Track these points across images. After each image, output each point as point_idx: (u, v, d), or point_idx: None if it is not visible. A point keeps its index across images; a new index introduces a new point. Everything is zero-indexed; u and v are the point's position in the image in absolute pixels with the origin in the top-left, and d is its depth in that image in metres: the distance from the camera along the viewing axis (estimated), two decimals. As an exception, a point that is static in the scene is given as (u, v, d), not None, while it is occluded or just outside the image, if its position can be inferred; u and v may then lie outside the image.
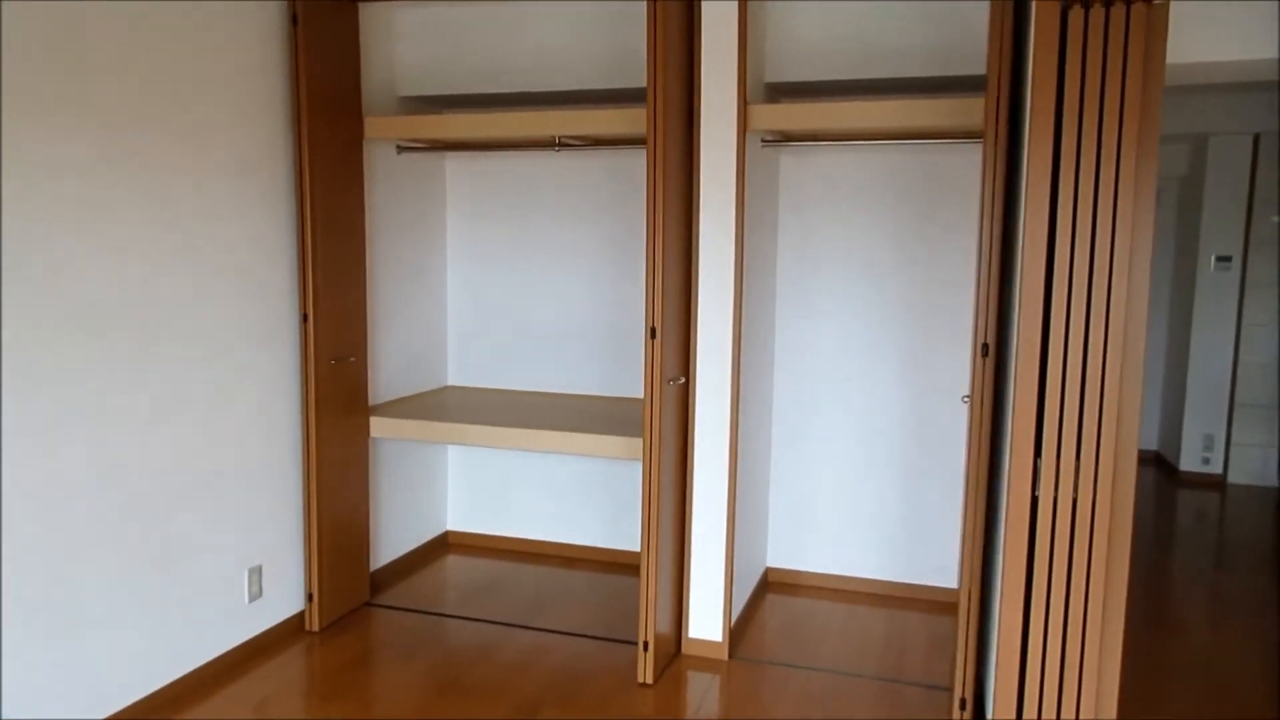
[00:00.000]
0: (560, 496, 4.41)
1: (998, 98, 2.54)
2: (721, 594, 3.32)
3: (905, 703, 3.03)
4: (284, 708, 2.92)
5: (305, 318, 3.37)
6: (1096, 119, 2.16)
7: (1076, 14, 2.15)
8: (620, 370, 4.22)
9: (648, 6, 2.88)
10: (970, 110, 2.99)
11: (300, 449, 3.46)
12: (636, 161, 4.08)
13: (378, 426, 3.71)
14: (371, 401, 3.83)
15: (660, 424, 3.04)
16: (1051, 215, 2.24)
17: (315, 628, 3.50)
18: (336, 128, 3.44)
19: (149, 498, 2.83)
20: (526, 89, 3.80)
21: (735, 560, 3.36)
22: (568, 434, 3.41)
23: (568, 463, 4.36)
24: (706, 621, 3.35)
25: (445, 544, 4.55)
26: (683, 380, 3.23)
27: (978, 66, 3.25)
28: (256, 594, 3.30)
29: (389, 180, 3.93)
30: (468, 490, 4.56)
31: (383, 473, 3.98)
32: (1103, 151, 2.17)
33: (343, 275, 3.52)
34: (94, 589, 2.66)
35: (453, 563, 4.30)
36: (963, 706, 2.74)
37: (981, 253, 2.61)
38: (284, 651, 3.32)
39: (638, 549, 4.31)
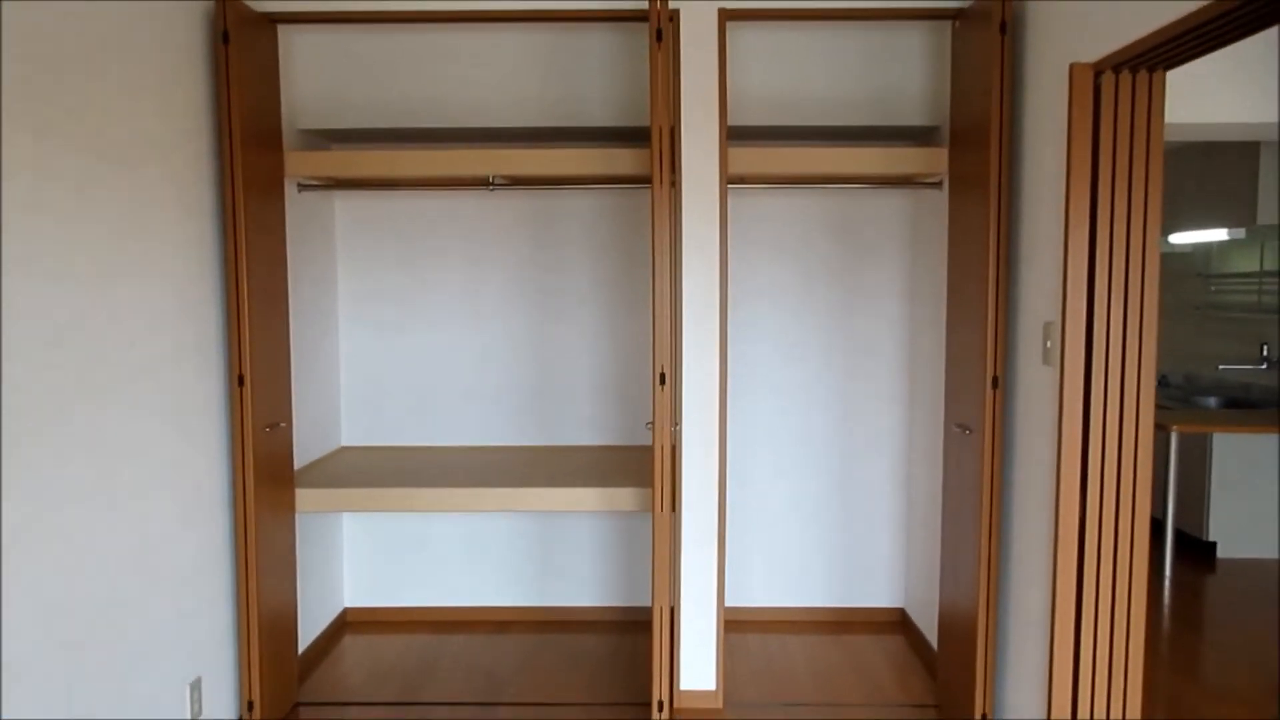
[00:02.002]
0: (474, 559, 4.11)
1: (1001, 151, 2.75)
2: (714, 642, 3.26)
3: (907, 726, 3.13)
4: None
5: (241, 381, 2.91)
6: (1127, 172, 2.41)
7: (1109, 79, 2.39)
8: (536, 419, 4.04)
9: (650, 52, 2.83)
10: (906, 159, 3.28)
11: (230, 533, 2.97)
12: (557, 203, 3.95)
13: (310, 500, 3.27)
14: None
15: (672, 472, 2.95)
16: (1091, 254, 2.45)
17: (257, 740, 3.00)
18: (262, 163, 3.03)
19: (79, 625, 2.30)
20: (440, 124, 3.54)
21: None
22: (559, 490, 3.20)
23: (477, 522, 4.09)
24: (699, 672, 3.27)
25: (345, 623, 4.08)
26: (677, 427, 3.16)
27: (904, 118, 3.50)
28: (197, 713, 2.77)
29: (290, 222, 3.50)
30: (367, 563, 4.13)
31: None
32: (1132, 200, 2.42)
33: (272, 331, 3.08)
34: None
35: (364, 643, 3.86)
36: (984, 722, 2.88)
37: (989, 291, 2.79)
38: (232, 774, 2.82)
39: (571, 604, 4.11)
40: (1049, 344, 2.59)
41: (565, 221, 3.96)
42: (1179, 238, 5.59)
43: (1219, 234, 5.26)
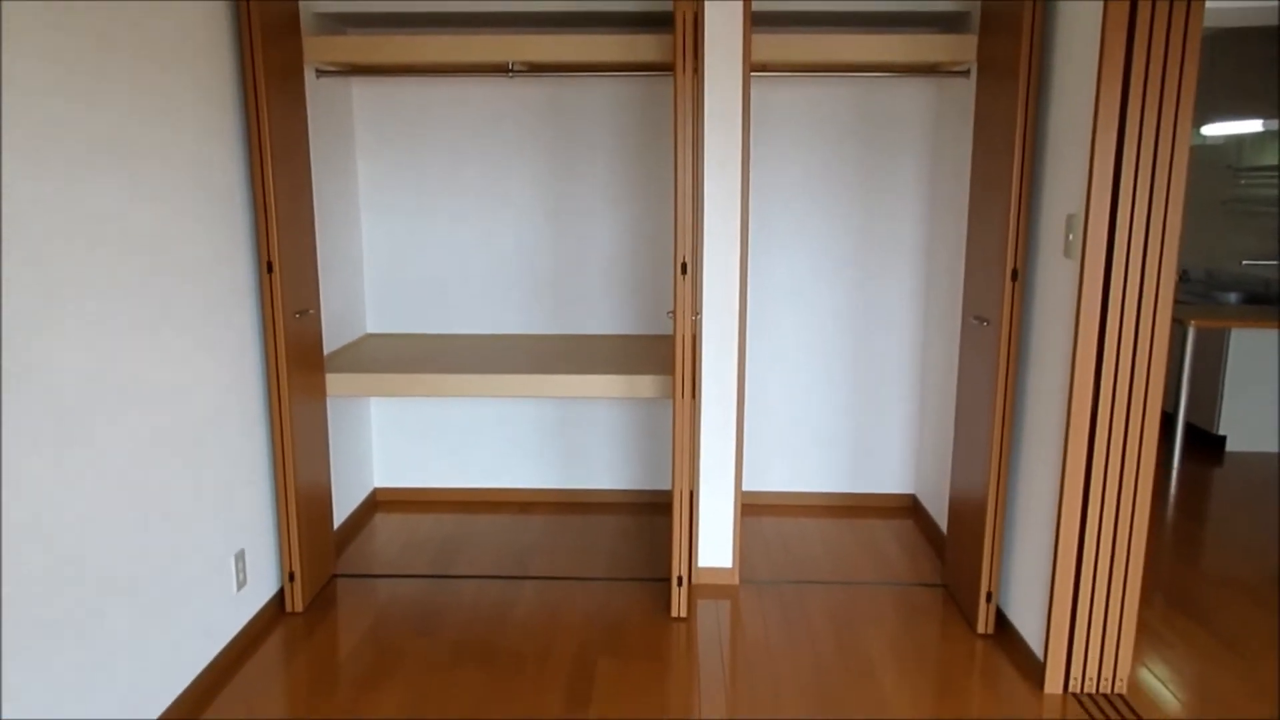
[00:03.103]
0: (498, 442, 4.24)
1: (1031, 36, 2.69)
2: (731, 522, 3.39)
3: (916, 601, 3.27)
4: (331, 704, 2.66)
5: (270, 268, 2.96)
6: (1161, 63, 2.37)
7: (1149, -38, 2.33)
8: (555, 309, 4.10)
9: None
10: (933, 46, 3.23)
11: (266, 416, 3.08)
12: (578, 90, 3.90)
13: (340, 384, 3.37)
14: (318, 356, 3.46)
15: (692, 360, 3.01)
16: (1119, 145, 2.44)
17: (299, 608, 3.18)
18: (282, 47, 3.00)
19: (134, 493, 2.42)
20: (459, 8, 3.48)
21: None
22: (582, 377, 3.28)
23: (500, 407, 4.20)
24: (716, 550, 3.41)
25: (375, 503, 4.25)
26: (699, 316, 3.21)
27: (932, 3, 3.41)
28: (243, 582, 2.94)
29: (309, 111, 3.49)
30: (395, 445, 4.26)
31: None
32: (1165, 92, 2.39)
33: (298, 218, 3.12)
34: (97, 595, 2.26)
35: (395, 521, 4.03)
36: (988, 599, 3.02)
37: (1014, 182, 2.78)
38: (282, 638, 3.00)
39: (593, 487, 4.26)
40: (1071, 237, 2.59)
41: (586, 109, 3.93)
42: (1211, 129, 5.47)
43: (1253, 125, 5.15)
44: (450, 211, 4.03)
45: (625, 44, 3.22)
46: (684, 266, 2.95)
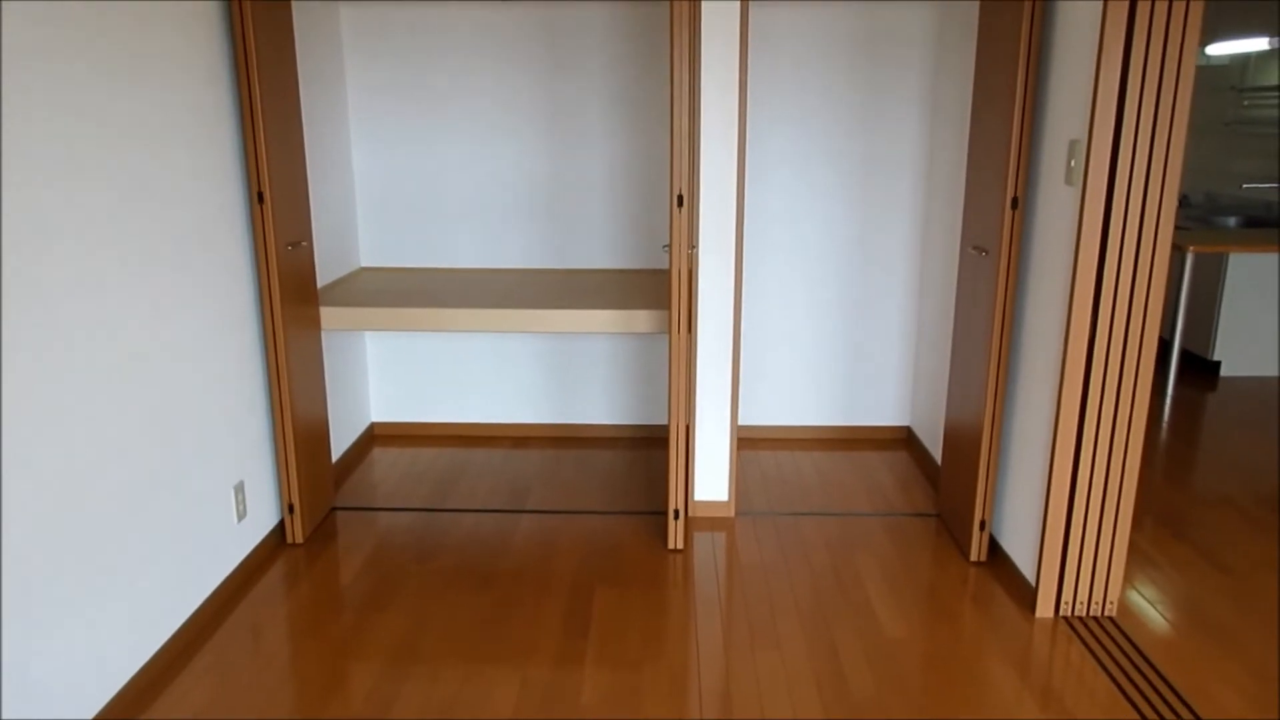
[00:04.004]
0: (494, 377, 4.24)
1: (1038, -45, 2.61)
2: (727, 456, 3.41)
3: (910, 530, 3.32)
4: (336, 627, 2.70)
5: (261, 198, 2.92)
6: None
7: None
8: (551, 241, 4.05)
9: None
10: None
11: (261, 347, 3.06)
12: (572, 13, 3.79)
13: (334, 318, 3.35)
14: (311, 290, 3.43)
15: (688, 295, 2.99)
16: (1124, 69, 2.38)
17: (299, 540, 3.21)
18: (266, -30, 2.90)
19: (129, 428, 2.42)
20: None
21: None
22: (578, 312, 3.26)
23: (496, 342, 4.19)
24: (712, 484, 3.44)
25: (373, 437, 4.26)
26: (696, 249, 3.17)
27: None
28: (243, 513, 2.96)
29: (297, 35, 3.39)
30: (391, 380, 4.26)
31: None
32: (1172, 10, 2.32)
33: (288, 147, 3.06)
34: (98, 528, 2.27)
35: (392, 455, 4.05)
36: (982, 527, 3.05)
37: (1016, 107, 2.73)
38: (284, 568, 3.03)
39: (587, 421, 4.27)
40: (1073, 163, 2.55)
41: (582, 34, 3.83)
42: (1216, 48, 5.36)
43: (1259, 44, 5.04)
44: (442, 141, 3.96)
45: (618, -35, 3.12)
46: (680, 199, 2.90)
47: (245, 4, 2.75)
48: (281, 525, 3.22)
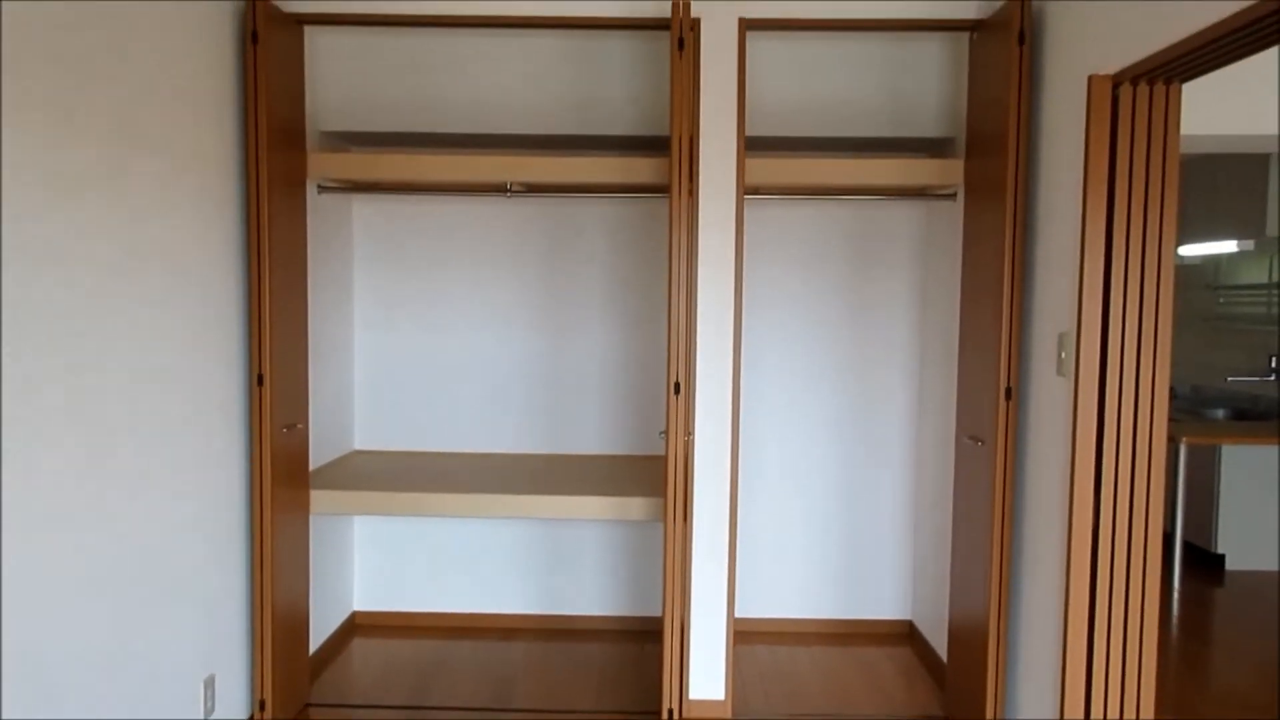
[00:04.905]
0: (483, 565, 4.12)
1: (1016, 160, 2.76)
2: (723, 652, 3.26)
3: (917, 735, 3.13)
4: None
5: (260, 380, 2.92)
6: (1144, 184, 2.42)
7: (1127, 91, 2.41)
8: (547, 427, 4.05)
9: (672, 61, 2.85)
10: (921, 170, 3.31)
11: (247, 532, 2.98)
12: (574, 210, 3.96)
13: (325, 502, 3.29)
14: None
15: (685, 482, 2.96)
16: (1107, 265, 2.46)
17: (268, 741, 3.01)
18: (286, 163, 3.05)
19: (97, 623, 2.31)
20: (459, 129, 3.56)
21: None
22: (572, 498, 3.21)
23: (485, 528, 4.10)
24: (708, 681, 3.27)
25: (354, 627, 4.09)
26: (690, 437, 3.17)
27: (920, 129, 3.52)
28: (211, 710, 2.78)
29: (309, 225, 3.52)
30: (377, 566, 4.13)
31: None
32: (1149, 212, 2.43)
33: (292, 331, 3.10)
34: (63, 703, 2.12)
35: (373, 646, 3.87)
36: (995, 731, 2.88)
37: (1004, 302, 2.80)
38: (244, 775, 2.82)
39: (577, 612, 4.12)
40: (1063, 355, 2.59)
41: (581, 229, 3.98)
42: (1188, 249, 5.60)
43: (1228, 246, 5.27)
44: (443, 326, 4.03)
45: (622, 166, 3.28)
46: (677, 386, 2.93)
47: (263, 192, 2.87)
48: (251, 723, 3.03)
